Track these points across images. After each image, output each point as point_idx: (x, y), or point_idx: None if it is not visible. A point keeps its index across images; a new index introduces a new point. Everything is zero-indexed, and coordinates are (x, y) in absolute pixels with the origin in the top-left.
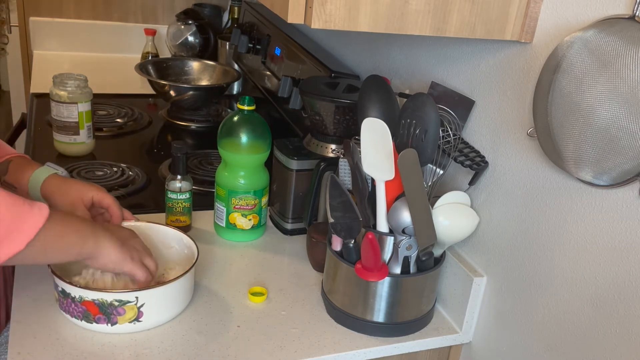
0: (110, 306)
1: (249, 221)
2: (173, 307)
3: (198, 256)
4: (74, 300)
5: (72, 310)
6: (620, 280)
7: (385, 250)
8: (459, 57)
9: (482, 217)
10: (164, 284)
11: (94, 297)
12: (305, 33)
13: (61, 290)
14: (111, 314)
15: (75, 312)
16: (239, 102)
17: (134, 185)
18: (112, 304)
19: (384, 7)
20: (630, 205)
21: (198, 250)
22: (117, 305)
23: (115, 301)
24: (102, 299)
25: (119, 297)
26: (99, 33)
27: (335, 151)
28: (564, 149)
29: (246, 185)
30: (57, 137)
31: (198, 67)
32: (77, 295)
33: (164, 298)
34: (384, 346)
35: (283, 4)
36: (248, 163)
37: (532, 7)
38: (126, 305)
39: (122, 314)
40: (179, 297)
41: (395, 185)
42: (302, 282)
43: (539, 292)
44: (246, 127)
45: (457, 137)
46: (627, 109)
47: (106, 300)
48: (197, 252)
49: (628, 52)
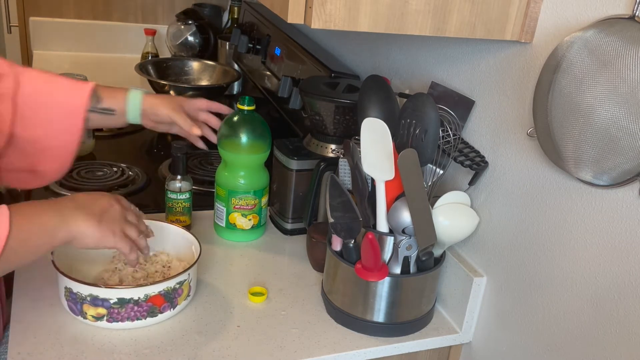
0: (173, 291)
1: (248, 221)
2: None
3: (200, 251)
4: (138, 303)
5: (133, 315)
6: (620, 280)
7: (385, 250)
8: (459, 57)
9: (482, 217)
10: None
11: (160, 289)
12: (305, 33)
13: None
14: (174, 297)
15: (139, 314)
16: (239, 102)
17: (134, 185)
18: (175, 287)
19: (384, 7)
20: (630, 205)
21: (200, 245)
22: (178, 287)
23: (177, 284)
24: (168, 287)
25: (180, 279)
26: (99, 33)
27: (335, 151)
28: (564, 149)
29: (246, 185)
30: None
31: (198, 67)
32: (141, 296)
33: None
34: (384, 346)
35: (283, 4)
36: (248, 163)
37: (532, 7)
38: (184, 285)
39: (181, 294)
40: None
41: (395, 185)
42: (302, 282)
43: (539, 292)
44: (246, 127)
45: (457, 137)
46: (627, 109)
47: (170, 286)
48: (199, 248)
49: (628, 52)
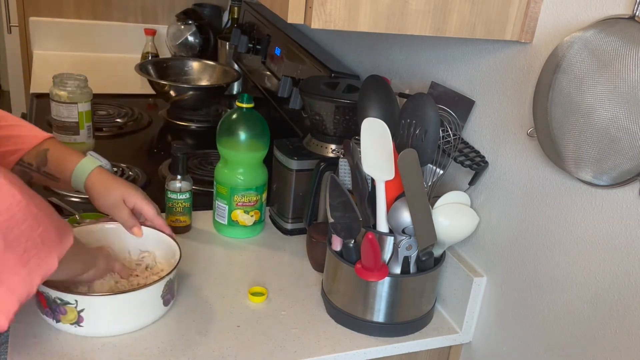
0: (53, 303)
1: (250, 217)
2: (125, 320)
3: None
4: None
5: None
6: (620, 280)
7: (385, 250)
8: (459, 57)
9: (482, 217)
10: (105, 294)
11: (43, 290)
12: (305, 33)
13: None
14: (55, 310)
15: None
16: (238, 100)
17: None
18: (55, 301)
19: (384, 7)
20: (630, 205)
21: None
22: (59, 303)
23: (58, 299)
24: (47, 294)
25: (60, 297)
26: (99, 33)
27: (335, 151)
28: (564, 149)
29: (247, 181)
30: (57, 137)
31: (198, 67)
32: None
33: (106, 308)
34: (384, 346)
35: (283, 4)
36: (248, 160)
37: (532, 7)
38: (67, 306)
39: (64, 313)
40: (131, 312)
41: (395, 185)
42: (302, 282)
43: (539, 292)
44: (245, 124)
45: (457, 137)
46: (627, 109)
47: (50, 296)
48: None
49: (628, 52)
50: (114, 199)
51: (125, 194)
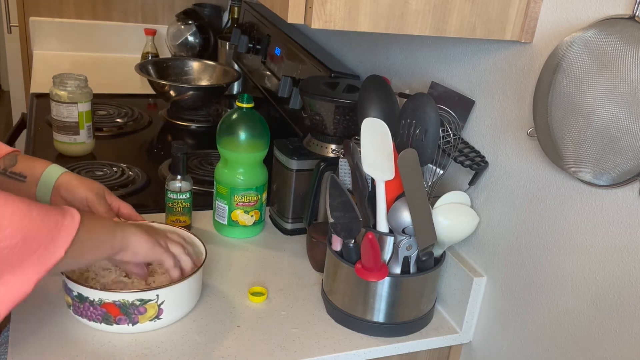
0: (131, 306)
1: (250, 217)
2: (189, 302)
3: (206, 253)
4: (93, 304)
5: (90, 314)
6: (620, 280)
7: (385, 250)
8: (459, 57)
9: (482, 217)
10: (182, 280)
11: (114, 299)
12: (305, 33)
13: (77, 294)
14: (132, 313)
15: (94, 316)
16: (238, 100)
17: (134, 185)
18: (134, 303)
19: (383, 7)
20: (630, 205)
21: (205, 247)
22: (139, 304)
23: (137, 300)
24: (123, 300)
25: (140, 297)
26: (99, 33)
27: (335, 151)
28: (564, 149)
29: (247, 181)
30: (57, 137)
31: (198, 67)
32: (96, 299)
33: (182, 294)
34: (384, 346)
35: (283, 4)
36: (248, 160)
37: (532, 7)
38: (147, 304)
39: (143, 312)
40: (195, 292)
41: (395, 185)
42: (302, 282)
43: (539, 292)
44: (245, 124)
45: (457, 137)
46: (627, 109)
47: (127, 300)
48: (204, 249)
49: (628, 52)
50: (97, 191)
51: (102, 188)
